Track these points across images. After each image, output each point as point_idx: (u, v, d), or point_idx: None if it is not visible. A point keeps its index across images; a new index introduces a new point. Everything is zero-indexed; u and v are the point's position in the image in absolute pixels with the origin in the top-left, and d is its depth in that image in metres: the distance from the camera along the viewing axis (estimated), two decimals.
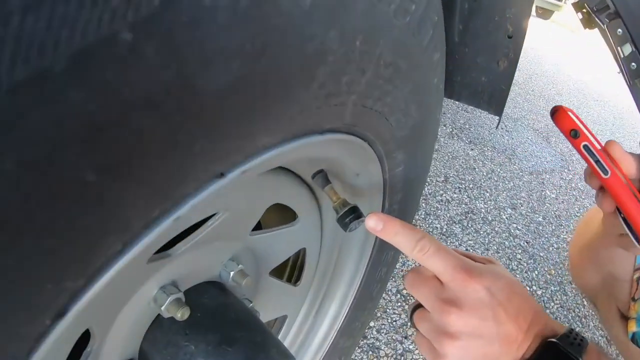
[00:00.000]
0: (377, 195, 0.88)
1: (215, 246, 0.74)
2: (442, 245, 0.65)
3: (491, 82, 1.43)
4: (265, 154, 0.55)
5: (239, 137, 0.49)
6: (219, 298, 0.80)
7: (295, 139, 0.57)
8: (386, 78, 0.65)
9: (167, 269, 0.66)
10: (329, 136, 0.63)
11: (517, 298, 0.65)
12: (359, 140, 0.71)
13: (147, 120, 0.38)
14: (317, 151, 0.69)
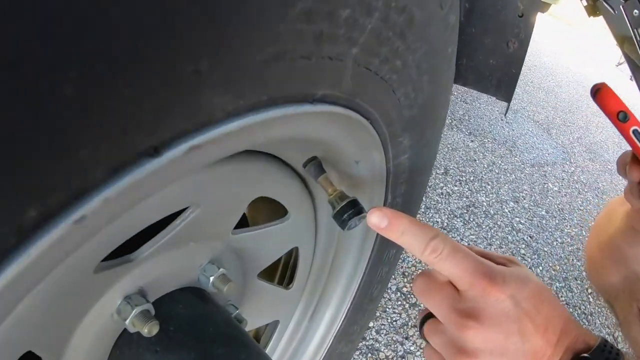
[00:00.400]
0: (378, 187, 0.77)
1: (191, 248, 0.64)
2: (459, 245, 0.56)
3: (500, 65, 1.34)
4: (226, 125, 0.42)
5: (175, 92, 0.36)
6: (196, 307, 0.70)
7: (274, 105, 0.45)
8: (397, 29, 0.54)
9: (132, 275, 0.58)
10: (323, 107, 0.51)
11: (546, 307, 0.56)
12: (360, 117, 0.59)
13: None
14: (308, 129, 0.57)
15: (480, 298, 0.54)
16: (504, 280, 0.54)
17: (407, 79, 0.61)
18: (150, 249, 0.58)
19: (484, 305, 0.54)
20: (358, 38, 0.49)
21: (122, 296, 0.58)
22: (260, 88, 0.43)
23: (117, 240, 0.49)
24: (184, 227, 0.58)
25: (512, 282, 0.55)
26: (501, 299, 0.54)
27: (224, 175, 0.58)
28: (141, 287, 0.61)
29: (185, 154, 0.39)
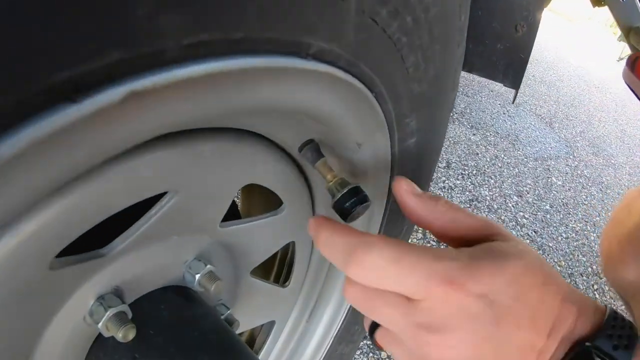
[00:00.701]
0: (382, 175, 0.70)
1: (174, 242, 0.58)
2: (401, 246, 0.45)
3: (508, 50, 1.27)
4: (184, 67, 0.33)
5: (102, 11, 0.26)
6: (181, 308, 0.63)
7: (253, 50, 0.36)
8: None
9: (105, 273, 0.52)
10: (319, 66, 0.43)
11: (534, 292, 0.46)
12: (363, 88, 0.51)
13: None
14: (300, 96, 0.47)
15: (440, 308, 0.44)
16: (471, 277, 0.44)
17: (417, 45, 0.54)
18: (124, 243, 0.51)
19: (446, 315, 0.45)
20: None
21: (95, 296, 0.52)
22: (234, 19, 0.34)
23: (72, 232, 0.42)
24: (162, 218, 0.51)
25: (482, 275, 0.44)
26: (468, 304, 0.44)
27: (207, 158, 0.50)
28: (117, 287, 0.54)
29: (121, 103, 0.30)
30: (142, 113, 0.33)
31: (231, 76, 0.36)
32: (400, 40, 0.50)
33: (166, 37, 0.30)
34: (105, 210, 0.43)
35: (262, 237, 0.70)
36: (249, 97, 0.40)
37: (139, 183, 0.45)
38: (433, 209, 0.50)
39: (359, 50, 0.46)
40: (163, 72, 0.31)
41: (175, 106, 0.35)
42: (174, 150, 0.45)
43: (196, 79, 0.34)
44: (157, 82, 0.31)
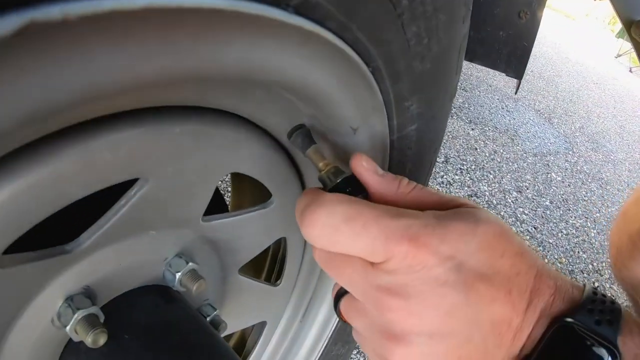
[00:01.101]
0: (378, 163, 0.64)
1: (151, 237, 0.52)
2: (355, 204, 0.42)
3: (511, 37, 1.22)
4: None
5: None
6: (160, 310, 0.58)
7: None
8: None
9: (73, 271, 0.47)
10: (303, 22, 0.35)
11: (507, 260, 0.42)
12: (358, 59, 0.44)
13: None
14: (284, 62, 0.40)
15: (402, 269, 0.40)
16: (436, 235, 0.40)
17: (420, 12, 0.47)
18: (91, 238, 0.46)
19: (409, 278, 0.40)
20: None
21: (64, 297, 0.47)
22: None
23: (18, 225, 0.37)
24: (133, 209, 0.45)
25: (450, 234, 0.40)
26: (432, 265, 0.40)
27: (181, 140, 0.44)
28: (87, 286, 0.49)
29: (15, 37, 0.22)
30: (48, 59, 0.24)
31: (183, 17, 0.28)
32: (401, 2, 0.43)
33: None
34: (59, 199, 0.38)
35: (250, 233, 0.64)
36: (210, 54, 0.32)
37: (97, 167, 0.39)
38: (396, 189, 0.46)
39: (352, 9, 0.39)
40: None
41: (100, 55, 0.27)
42: (139, 130, 0.39)
43: (127, 14, 0.25)
44: (70, 11, 0.23)
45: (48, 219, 0.39)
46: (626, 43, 10.44)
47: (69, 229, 0.47)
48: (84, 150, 0.36)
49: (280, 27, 0.34)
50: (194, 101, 0.43)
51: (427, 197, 0.46)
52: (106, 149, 0.37)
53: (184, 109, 0.43)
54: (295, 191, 0.64)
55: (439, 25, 0.51)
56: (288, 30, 0.35)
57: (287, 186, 0.62)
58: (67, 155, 0.36)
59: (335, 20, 0.38)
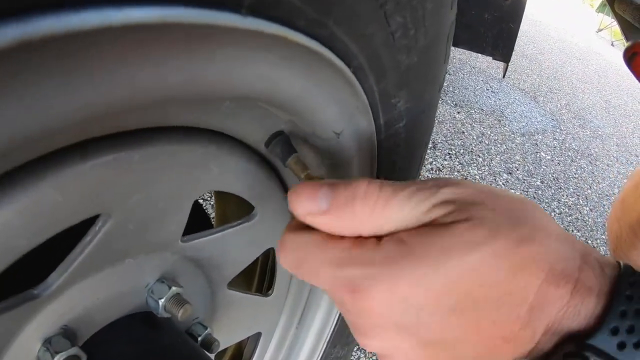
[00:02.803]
0: (367, 167, 0.60)
1: (128, 265, 0.48)
2: (304, 248, 0.40)
3: (497, 20, 1.18)
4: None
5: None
6: (145, 339, 0.54)
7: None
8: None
9: (46, 313, 0.44)
10: (263, 25, 0.30)
11: (490, 293, 0.36)
12: (336, 60, 0.39)
13: None
14: (241, 70, 0.34)
15: (353, 311, 0.38)
16: (384, 287, 0.36)
17: (405, 0, 0.42)
18: (60, 279, 0.42)
19: (367, 321, 0.38)
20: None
21: (42, 340, 0.45)
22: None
23: None
24: (101, 244, 0.41)
25: (402, 285, 0.35)
26: (381, 312, 0.37)
27: (144, 167, 0.40)
28: (65, 326, 0.46)
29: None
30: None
31: (105, 40, 0.24)
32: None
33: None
34: (6, 255, 0.34)
35: (235, 247, 0.60)
36: (154, 76, 0.28)
37: (47, 213, 0.35)
38: (351, 219, 0.39)
39: (326, 2, 0.34)
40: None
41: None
42: (91, 164, 0.35)
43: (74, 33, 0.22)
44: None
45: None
46: (607, 17, 10.46)
47: (39, 269, 0.43)
48: (27, 197, 0.32)
49: (234, 34, 0.29)
50: (152, 122, 0.38)
51: (396, 214, 0.38)
52: (54, 190, 0.33)
53: (141, 132, 0.39)
54: (279, 201, 0.60)
55: (425, 14, 0.46)
56: (245, 36, 0.30)
57: (270, 196, 0.58)
58: (8, 204, 0.32)
59: (306, 17, 0.34)
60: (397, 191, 0.38)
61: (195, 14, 0.26)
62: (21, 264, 0.37)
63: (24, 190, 0.32)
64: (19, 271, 0.38)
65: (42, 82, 0.23)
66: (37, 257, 0.39)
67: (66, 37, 0.22)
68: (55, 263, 0.42)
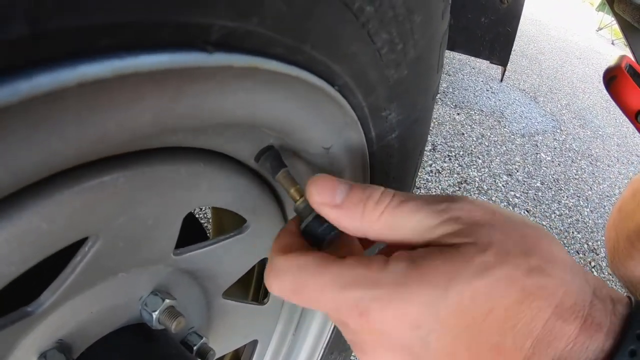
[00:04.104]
0: (360, 177, 0.59)
1: (121, 280, 0.49)
2: (304, 272, 0.39)
3: (493, 23, 1.18)
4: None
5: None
6: (140, 351, 0.55)
7: (121, 48, 0.24)
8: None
9: (41, 329, 0.44)
10: (233, 58, 0.30)
11: (493, 320, 0.35)
12: (318, 81, 0.39)
13: None
14: (214, 105, 0.34)
15: (361, 332, 0.38)
16: (392, 309, 0.36)
17: (390, 17, 0.41)
18: (53, 296, 0.43)
19: (369, 344, 0.39)
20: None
21: (37, 354, 0.45)
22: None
23: None
24: (91, 263, 0.42)
25: (412, 306, 0.35)
26: (391, 336, 0.36)
27: (130, 189, 0.40)
28: (60, 340, 0.47)
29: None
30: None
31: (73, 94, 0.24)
32: (364, 10, 0.38)
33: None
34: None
35: (229, 258, 0.61)
36: (126, 119, 0.28)
37: (33, 241, 0.35)
38: (361, 217, 0.40)
39: (301, 28, 0.34)
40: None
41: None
42: (75, 190, 0.35)
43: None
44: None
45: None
46: (607, 16, 10.44)
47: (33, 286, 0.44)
48: (12, 226, 0.33)
49: (202, 71, 0.29)
50: (136, 147, 0.38)
51: (404, 220, 0.39)
52: (39, 218, 0.33)
53: (125, 155, 0.39)
54: (271, 211, 0.61)
55: (414, 27, 0.46)
56: (214, 71, 0.30)
57: (262, 208, 0.58)
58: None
59: (281, 45, 0.33)
60: (409, 201, 0.39)
61: (160, 59, 0.26)
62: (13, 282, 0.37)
63: (9, 220, 0.32)
64: (12, 289, 0.39)
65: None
66: (30, 274, 0.40)
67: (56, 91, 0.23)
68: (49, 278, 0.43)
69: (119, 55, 0.24)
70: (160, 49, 0.26)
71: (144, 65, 0.25)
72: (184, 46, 0.27)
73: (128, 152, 0.37)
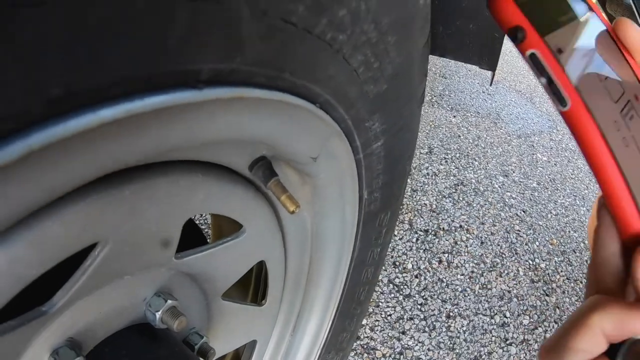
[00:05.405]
0: (349, 183, 0.64)
1: (127, 282, 0.52)
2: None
3: (481, 29, 1.21)
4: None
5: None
6: (145, 349, 0.59)
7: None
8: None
9: (54, 327, 0.48)
10: (221, 92, 0.35)
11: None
12: (300, 101, 0.44)
13: None
14: (208, 130, 0.40)
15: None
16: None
17: (363, 41, 0.45)
18: (65, 297, 0.46)
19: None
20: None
21: (50, 351, 0.49)
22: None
23: None
24: (100, 267, 0.46)
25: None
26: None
27: (134, 200, 0.44)
28: (71, 338, 0.51)
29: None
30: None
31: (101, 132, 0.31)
32: (336, 39, 0.42)
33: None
34: (16, 284, 0.38)
35: (226, 262, 0.64)
36: (133, 151, 0.34)
37: (51, 245, 0.40)
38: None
39: (279, 61, 0.39)
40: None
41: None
42: (88, 201, 0.40)
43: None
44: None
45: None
46: None
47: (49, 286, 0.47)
48: (37, 233, 0.37)
49: (199, 104, 0.34)
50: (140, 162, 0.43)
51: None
52: (58, 226, 0.38)
53: (130, 170, 0.43)
54: (266, 216, 0.64)
55: (388, 47, 0.50)
56: (210, 103, 0.35)
57: (257, 213, 0.62)
58: (21, 241, 0.36)
59: (262, 75, 0.38)
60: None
61: (155, 100, 0.31)
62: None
63: (29, 228, 0.36)
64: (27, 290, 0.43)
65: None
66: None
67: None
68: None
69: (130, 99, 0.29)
70: (161, 90, 0.31)
71: (147, 105, 0.30)
72: (179, 87, 0.32)
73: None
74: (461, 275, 2.17)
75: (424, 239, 2.29)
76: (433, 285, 2.06)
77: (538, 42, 0.34)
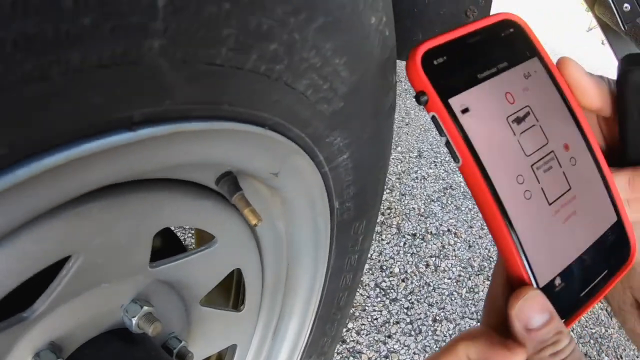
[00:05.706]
0: (318, 195, 0.67)
1: (104, 289, 0.56)
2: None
3: None
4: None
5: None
6: (123, 353, 0.62)
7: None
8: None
9: (35, 331, 0.52)
10: (156, 130, 0.38)
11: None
12: (245, 126, 0.46)
13: None
14: (155, 163, 0.45)
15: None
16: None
17: (305, 67, 0.47)
18: (45, 304, 0.50)
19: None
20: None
21: (32, 354, 0.53)
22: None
23: None
24: (75, 277, 0.49)
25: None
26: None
27: (104, 216, 0.48)
28: (52, 342, 0.54)
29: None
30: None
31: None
32: (273, 69, 0.44)
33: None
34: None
35: (201, 270, 0.68)
36: (84, 184, 0.39)
37: (25, 259, 0.44)
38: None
39: (211, 96, 0.41)
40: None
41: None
42: (59, 218, 0.43)
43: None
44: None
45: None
46: None
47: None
48: (11, 249, 0.41)
49: (137, 144, 0.39)
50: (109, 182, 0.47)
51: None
52: (31, 243, 0.42)
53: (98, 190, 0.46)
54: (238, 226, 0.67)
55: (338, 68, 0.51)
56: (148, 142, 0.40)
57: (228, 224, 0.65)
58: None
59: (199, 110, 0.41)
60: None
61: (102, 142, 0.36)
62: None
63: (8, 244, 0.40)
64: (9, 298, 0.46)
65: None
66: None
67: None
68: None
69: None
70: (100, 134, 0.35)
71: (85, 150, 0.35)
72: (113, 131, 0.37)
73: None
74: (448, 279, 2.20)
75: (412, 243, 2.32)
76: (420, 289, 2.09)
77: (439, 106, 0.37)
